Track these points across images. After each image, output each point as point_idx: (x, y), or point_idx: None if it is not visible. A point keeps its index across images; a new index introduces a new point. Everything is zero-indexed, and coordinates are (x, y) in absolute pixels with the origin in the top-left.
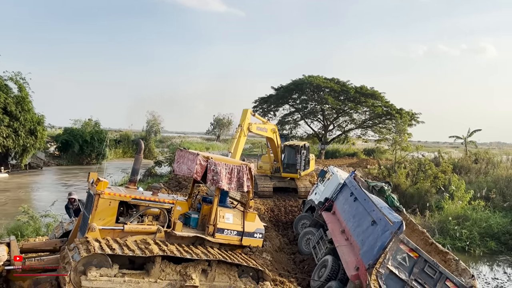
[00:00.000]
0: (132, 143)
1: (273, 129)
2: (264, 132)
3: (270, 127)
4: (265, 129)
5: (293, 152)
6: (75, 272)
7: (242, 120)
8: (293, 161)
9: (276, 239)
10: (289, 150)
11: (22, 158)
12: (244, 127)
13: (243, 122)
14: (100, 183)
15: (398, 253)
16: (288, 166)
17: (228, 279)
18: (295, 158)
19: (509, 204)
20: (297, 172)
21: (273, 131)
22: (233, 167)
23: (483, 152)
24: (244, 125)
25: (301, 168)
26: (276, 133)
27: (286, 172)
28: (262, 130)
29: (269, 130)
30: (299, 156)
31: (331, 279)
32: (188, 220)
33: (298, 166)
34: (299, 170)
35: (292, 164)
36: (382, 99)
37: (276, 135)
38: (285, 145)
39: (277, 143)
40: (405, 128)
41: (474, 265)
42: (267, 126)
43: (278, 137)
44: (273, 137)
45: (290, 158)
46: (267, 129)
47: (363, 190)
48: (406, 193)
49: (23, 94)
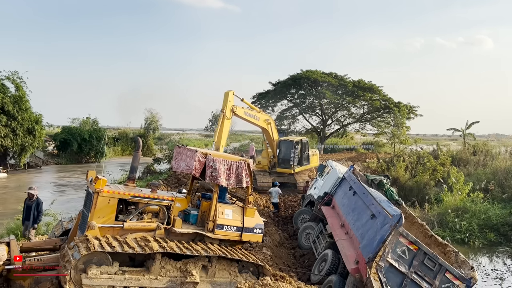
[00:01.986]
0: (131, 140)
1: (267, 119)
2: (255, 120)
3: (264, 117)
4: (256, 117)
5: (288, 147)
6: (76, 271)
7: (224, 104)
8: (288, 156)
9: (276, 234)
10: (284, 145)
11: (20, 158)
12: (227, 111)
13: (224, 106)
14: (99, 181)
15: (397, 246)
16: (283, 161)
17: (229, 274)
18: (289, 153)
19: (508, 196)
20: (291, 167)
21: (267, 122)
22: (232, 163)
23: (482, 144)
24: (226, 109)
25: (294, 163)
26: (270, 124)
27: (281, 167)
28: (253, 117)
29: (261, 119)
30: (292, 152)
31: (331, 273)
32: (187, 217)
33: (292, 161)
34: (293, 165)
35: (287, 159)
36: (380, 92)
37: (271, 127)
38: (280, 140)
39: (273, 137)
40: (403, 121)
41: (473, 256)
42: (260, 115)
43: (273, 129)
44: (267, 128)
45: (285, 153)
46: (259, 117)
47: (362, 184)
48: (405, 186)
49: (20, 93)
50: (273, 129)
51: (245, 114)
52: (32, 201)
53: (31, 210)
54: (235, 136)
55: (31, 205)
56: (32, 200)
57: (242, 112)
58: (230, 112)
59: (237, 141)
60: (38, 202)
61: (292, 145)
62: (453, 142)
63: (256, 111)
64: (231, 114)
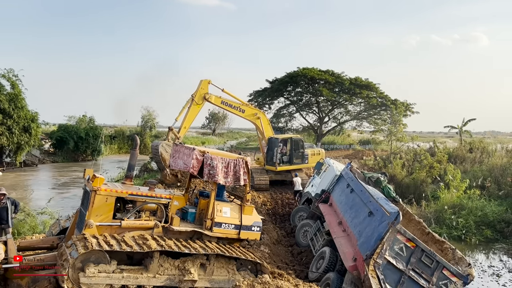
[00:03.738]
0: (128, 138)
1: (255, 114)
2: (238, 111)
3: (251, 111)
4: (240, 109)
5: (273, 144)
6: (73, 269)
7: (196, 90)
8: (272, 153)
9: (274, 231)
10: (270, 142)
11: (16, 156)
12: (196, 96)
13: (196, 92)
14: (96, 179)
15: (395, 244)
16: (270, 158)
17: (227, 272)
18: (274, 151)
19: (504, 193)
20: (275, 165)
21: (256, 116)
22: (230, 161)
23: (478, 141)
24: (196, 95)
25: (277, 161)
26: (260, 119)
27: (269, 164)
28: (235, 109)
29: (248, 112)
30: (275, 149)
31: (329, 270)
32: (185, 215)
33: (275, 159)
34: (276, 163)
35: (271, 156)
36: (376, 90)
37: (261, 122)
38: (269, 138)
39: (263, 131)
40: (400, 118)
41: (470, 253)
42: (247, 108)
43: (265, 125)
44: (257, 123)
45: (271, 150)
46: (244, 110)
47: (359, 182)
48: (402, 183)
49: (16, 91)
50: (264, 125)
51: (223, 103)
52: (3, 203)
53: (4, 212)
54: (232, 134)
55: (1, 206)
56: (2, 202)
57: (219, 101)
58: (201, 99)
59: (234, 139)
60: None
61: (277, 142)
62: (449, 139)
63: (241, 103)
64: (203, 101)
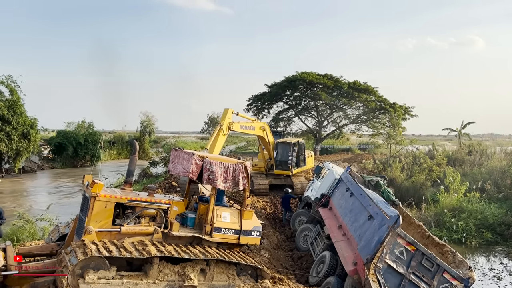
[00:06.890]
0: (127, 144)
1: (262, 127)
2: (251, 130)
3: (259, 125)
4: (252, 127)
5: (285, 149)
6: (73, 276)
7: (223, 119)
8: (285, 158)
9: (274, 236)
10: (281, 147)
11: (15, 162)
12: (224, 126)
13: (222, 120)
14: (96, 185)
15: (395, 247)
16: (281, 163)
17: (227, 278)
18: (287, 155)
19: (504, 195)
20: (289, 169)
21: (262, 129)
22: (229, 166)
23: (477, 144)
24: (223, 124)
25: (292, 165)
26: (266, 130)
27: (279, 169)
28: (248, 129)
29: (257, 128)
30: (290, 153)
31: (330, 274)
32: (185, 220)
33: (290, 163)
34: (291, 167)
35: (284, 161)
36: (375, 93)
37: (266, 133)
38: (277, 142)
39: (269, 141)
40: (399, 122)
41: (471, 256)
42: (255, 125)
43: (269, 134)
44: (263, 135)
45: (283, 155)
46: (254, 127)
47: (359, 185)
48: (401, 186)
49: (14, 98)
50: (268, 134)
51: (241, 127)
52: None
53: None
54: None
55: None
56: None
57: (238, 126)
58: (227, 129)
59: (233, 143)
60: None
61: (290, 147)
62: (448, 142)
63: (251, 121)
64: (227, 130)
